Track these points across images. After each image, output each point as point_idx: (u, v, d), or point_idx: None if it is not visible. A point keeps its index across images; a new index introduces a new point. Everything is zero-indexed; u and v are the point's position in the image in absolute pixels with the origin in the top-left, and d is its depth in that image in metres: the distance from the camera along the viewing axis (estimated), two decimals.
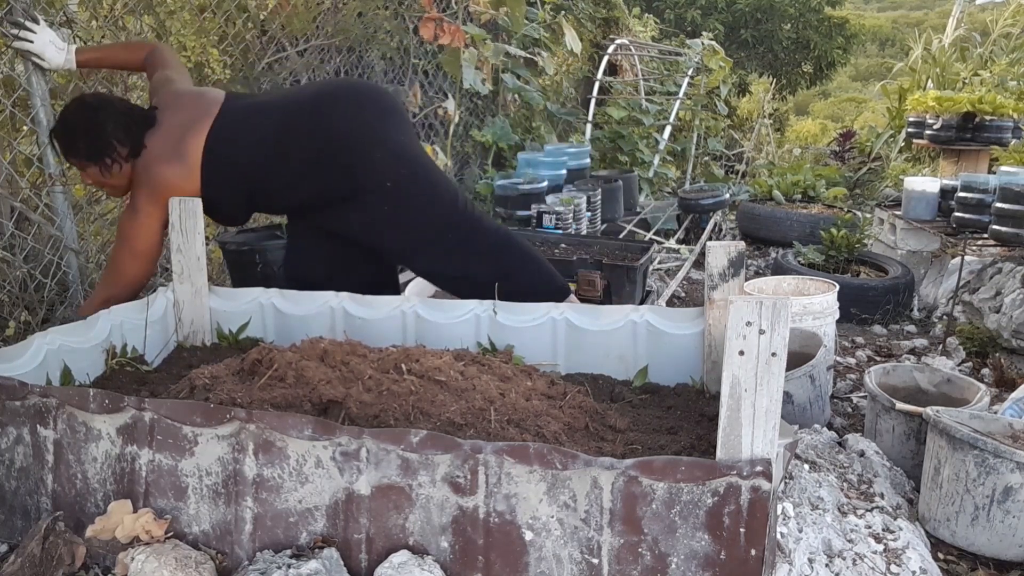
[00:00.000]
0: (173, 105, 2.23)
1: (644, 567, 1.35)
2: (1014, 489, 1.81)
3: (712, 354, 1.94)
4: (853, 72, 20.81)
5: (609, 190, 5.05)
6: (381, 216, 2.23)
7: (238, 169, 2.20)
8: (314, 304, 2.25)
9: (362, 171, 2.18)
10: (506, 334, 2.12)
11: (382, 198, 2.20)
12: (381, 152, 2.19)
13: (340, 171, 2.18)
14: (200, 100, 2.25)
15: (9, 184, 2.56)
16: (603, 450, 1.57)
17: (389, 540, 1.44)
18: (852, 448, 2.22)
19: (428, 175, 2.28)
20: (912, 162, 7.83)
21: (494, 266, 2.30)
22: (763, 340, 1.28)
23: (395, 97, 2.44)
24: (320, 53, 3.92)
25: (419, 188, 2.24)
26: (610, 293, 3.21)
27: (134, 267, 2.22)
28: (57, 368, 1.89)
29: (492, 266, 2.29)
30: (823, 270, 4.04)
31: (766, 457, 1.31)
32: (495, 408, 1.62)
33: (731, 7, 12.37)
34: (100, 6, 2.94)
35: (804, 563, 1.64)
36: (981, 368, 3.10)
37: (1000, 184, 3.68)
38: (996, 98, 5.24)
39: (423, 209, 2.26)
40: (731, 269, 1.89)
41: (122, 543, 1.50)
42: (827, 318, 2.74)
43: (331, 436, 1.43)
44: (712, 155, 8.09)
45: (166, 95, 2.27)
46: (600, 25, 7.76)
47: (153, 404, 1.52)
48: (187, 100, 2.25)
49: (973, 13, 11.41)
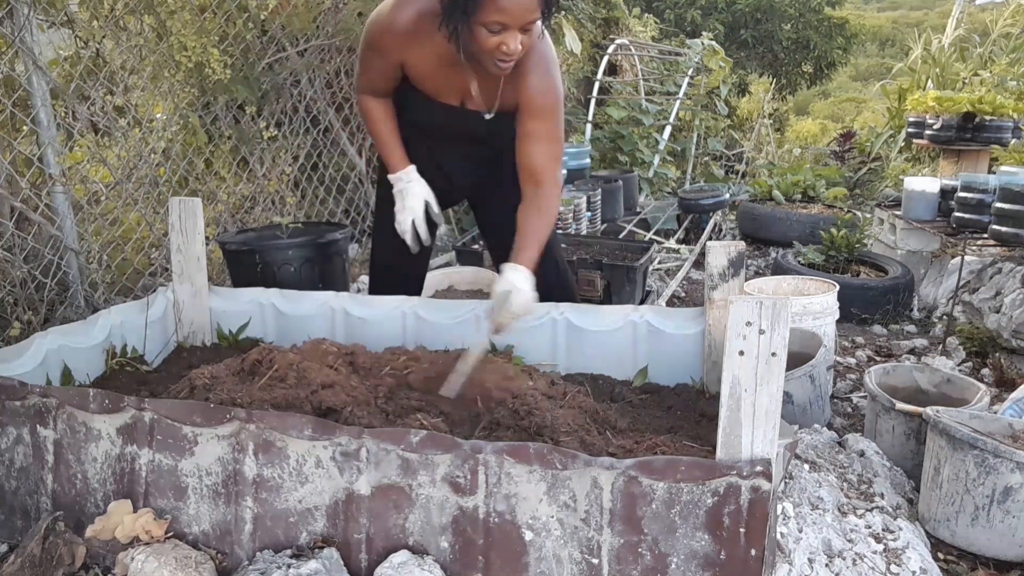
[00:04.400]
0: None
1: (644, 567, 1.35)
2: (1014, 489, 1.80)
3: (712, 354, 1.94)
4: (853, 72, 20.80)
5: (609, 190, 5.05)
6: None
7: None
8: (314, 304, 2.25)
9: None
10: (506, 334, 2.12)
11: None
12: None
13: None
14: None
15: (9, 184, 2.56)
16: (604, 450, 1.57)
17: (389, 540, 1.44)
18: (852, 448, 2.22)
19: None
20: (912, 162, 7.82)
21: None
22: (763, 340, 1.28)
23: None
24: (320, 53, 3.92)
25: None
26: (610, 293, 3.22)
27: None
28: (57, 368, 1.89)
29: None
30: (823, 270, 4.03)
31: (766, 457, 1.31)
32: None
33: (731, 7, 12.38)
34: (100, 6, 2.94)
35: (804, 563, 1.64)
36: (981, 368, 3.10)
37: (1000, 184, 3.67)
38: (996, 98, 5.23)
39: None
40: (731, 269, 1.89)
41: (122, 543, 1.50)
42: (827, 318, 2.74)
43: (331, 436, 1.43)
44: (712, 155, 8.09)
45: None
46: (600, 25, 7.76)
47: (153, 404, 1.52)
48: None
49: (973, 13, 11.40)
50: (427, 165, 2.18)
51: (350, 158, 4.41)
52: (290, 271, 2.76)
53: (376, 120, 2.13)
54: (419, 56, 1.95)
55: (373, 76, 2.07)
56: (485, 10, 1.71)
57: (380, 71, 2.04)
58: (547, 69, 1.94)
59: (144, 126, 3.22)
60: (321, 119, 4.13)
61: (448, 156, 2.21)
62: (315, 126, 4.11)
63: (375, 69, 2.04)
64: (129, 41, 3.07)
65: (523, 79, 1.92)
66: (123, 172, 3.01)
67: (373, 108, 2.12)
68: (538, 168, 1.96)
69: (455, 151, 2.20)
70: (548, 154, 1.96)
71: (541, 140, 1.95)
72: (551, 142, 1.96)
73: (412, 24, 1.89)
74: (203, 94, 3.43)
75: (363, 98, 2.13)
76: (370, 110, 2.12)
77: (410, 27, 1.89)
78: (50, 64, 2.71)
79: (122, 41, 3.05)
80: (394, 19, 1.91)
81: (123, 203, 3.01)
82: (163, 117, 3.33)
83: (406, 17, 1.89)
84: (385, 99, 2.12)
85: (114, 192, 3.02)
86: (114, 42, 3.05)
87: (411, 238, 2.14)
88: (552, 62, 1.96)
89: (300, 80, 3.89)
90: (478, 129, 2.10)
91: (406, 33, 1.91)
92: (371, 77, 2.07)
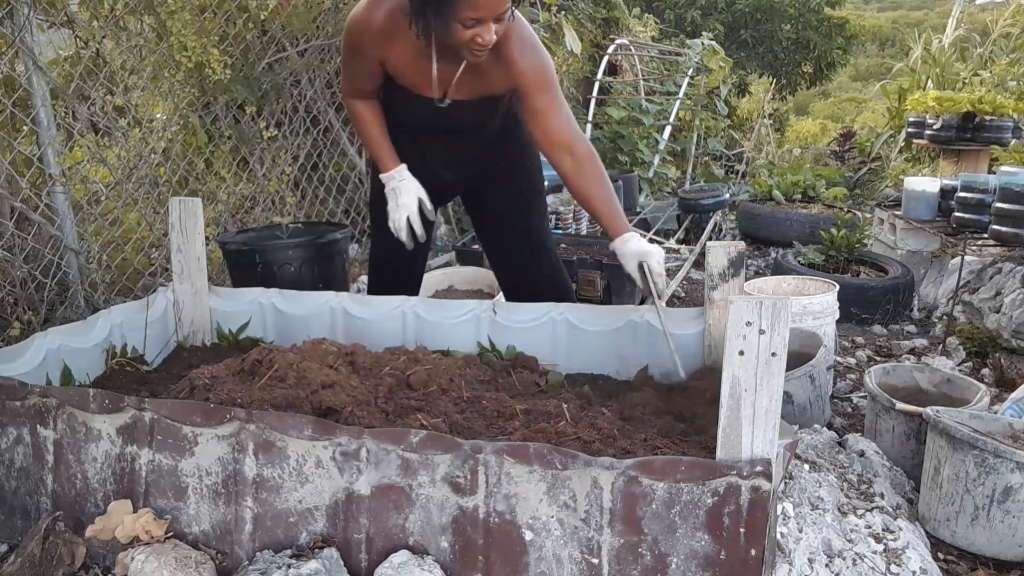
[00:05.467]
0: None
1: (644, 567, 1.35)
2: (1014, 489, 1.80)
3: (712, 354, 1.94)
4: (853, 72, 20.79)
5: None
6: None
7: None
8: (314, 304, 2.25)
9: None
10: (506, 334, 2.12)
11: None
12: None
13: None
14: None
15: (9, 184, 2.56)
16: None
17: (389, 540, 1.44)
18: (852, 448, 2.22)
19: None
20: (912, 162, 7.82)
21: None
22: (763, 340, 1.28)
23: None
24: (320, 53, 3.92)
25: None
26: (610, 293, 3.22)
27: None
28: (57, 368, 1.89)
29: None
30: (823, 270, 4.03)
31: (766, 457, 1.31)
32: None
33: (731, 7, 12.37)
34: (101, 6, 2.94)
35: (804, 563, 1.64)
36: (981, 368, 3.10)
37: (1000, 184, 3.67)
38: (996, 98, 5.23)
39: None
40: (731, 269, 1.89)
41: (122, 543, 1.50)
42: (827, 318, 2.74)
43: (331, 436, 1.43)
44: (712, 155, 8.09)
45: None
46: (600, 25, 7.76)
47: (153, 404, 1.52)
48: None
49: (973, 13, 11.40)
50: (415, 163, 2.19)
51: (350, 158, 4.41)
52: (290, 271, 2.76)
53: (364, 121, 2.16)
54: (397, 51, 1.97)
55: (356, 77, 2.09)
56: (459, 8, 1.74)
57: (362, 71, 2.06)
58: (532, 49, 1.96)
59: (144, 126, 3.22)
60: (321, 119, 4.13)
61: (434, 151, 2.22)
62: (315, 126, 4.11)
63: (357, 70, 2.07)
64: (129, 41, 3.07)
65: (513, 66, 1.94)
66: (123, 172, 3.01)
67: (361, 110, 2.14)
68: (564, 137, 1.99)
69: (440, 146, 2.21)
70: (566, 120, 2.00)
71: (554, 110, 1.98)
72: (561, 108, 2.00)
73: (387, 20, 1.92)
74: (203, 94, 3.43)
75: (350, 101, 2.16)
76: (358, 112, 2.15)
77: (386, 23, 1.92)
78: (50, 64, 2.71)
79: (122, 41, 3.05)
80: (369, 17, 1.93)
81: (123, 203, 3.01)
82: (163, 117, 3.33)
83: (380, 14, 1.92)
84: (371, 100, 2.14)
85: (114, 192, 3.02)
86: (114, 42, 3.05)
87: (407, 235, 2.15)
88: (533, 40, 1.98)
89: (300, 80, 3.89)
90: (461, 119, 2.11)
91: (382, 30, 1.93)
92: (355, 79, 2.10)
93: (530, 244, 2.38)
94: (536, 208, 2.39)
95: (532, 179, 2.37)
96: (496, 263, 2.47)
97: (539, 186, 2.40)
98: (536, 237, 2.38)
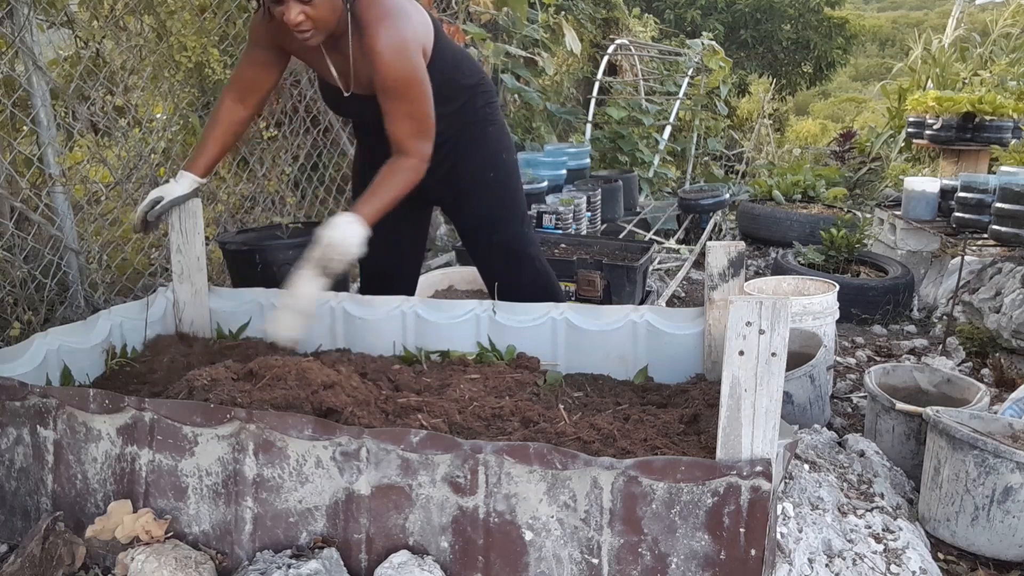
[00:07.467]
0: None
1: (644, 567, 1.35)
2: (1014, 489, 1.80)
3: (712, 354, 1.94)
4: (853, 72, 20.80)
5: (609, 190, 5.05)
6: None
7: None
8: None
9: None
10: (506, 334, 2.12)
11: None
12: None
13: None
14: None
15: (9, 184, 2.56)
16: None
17: (389, 540, 1.44)
18: (852, 448, 2.22)
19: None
20: (912, 162, 7.83)
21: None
22: (763, 340, 1.28)
23: None
24: None
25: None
26: (610, 293, 3.22)
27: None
28: (57, 368, 1.89)
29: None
30: (823, 270, 4.03)
31: (766, 457, 1.31)
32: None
33: (731, 7, 12.37)
34: (100, 6, 2.94)
35: (804, 563, 1.64)
36: (981, 368, 3.10)
37: (1000, 184, 3.67)
38: (996, 98, 5.24)
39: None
40: (731, 269, 1.89)
41: (122, 543, 1.50)
42: (827, 318, 2.74)
43: (331, 436, 1.43)
44: (712, 155, 8.09)
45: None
46: (600, 25, 7.76)
47: (153, 404, 1.52)
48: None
49: (973, 13, 11.41)
50: (368, 158, 2.20)
51: (350, 158, 4.41)
52: (290, 271, 2.75)
53: (211, 117, 2.18)
54: (294, 41, 1.98)
55: (242, 66, 2.12)
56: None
57: (251, 59, 2.10)
58: (393, 50, 1.89)
59: (144, 126, 3.22)
60: (321, 119, 4.13)
61: (380, 147, 2.10)
62: (315, 126, 4.10)
63: (246, 59, 2.11)
64: (129, 41, 3.07)
65: (372, 63, 1.92)
66: (123, 172, 3.01)
67: (218, 107, 2.16)
68: (400, 142, 1.98)
69: (375, 140, 2.13)
70: (407, 131, 1.97)
71: (398, 118, 1.96)
72: (409, 119, 1.97)
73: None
74: (203, 94, 3.43)
75: (221, 97, 2.16)
76: (216, 107, 2.17)
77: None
78: (50, 64, 2.71)
79: (122, 41, 3.04)
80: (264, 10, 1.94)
81: (123, 203, 3.01)
82: (163, 117, 3.33)
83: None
84: (235, 103, 2.13)
85: (114, 192, 3.02)
86: (114, 42, 3.05)
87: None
88: (398, 44, 1.90)
89: (300, 80, 3.89)
90: (365, 114, 2.09)
91: (277, 21, 1.91)
92: (240, 68, 2.13)
93: (510, 253, 2.33)
94: (511, 216, 2.34)
95: (505, 187, 2.31)
96: (480, 270, 2.45)
97: (514, 192, 2.35)
98: (514, 246, 2.33)
